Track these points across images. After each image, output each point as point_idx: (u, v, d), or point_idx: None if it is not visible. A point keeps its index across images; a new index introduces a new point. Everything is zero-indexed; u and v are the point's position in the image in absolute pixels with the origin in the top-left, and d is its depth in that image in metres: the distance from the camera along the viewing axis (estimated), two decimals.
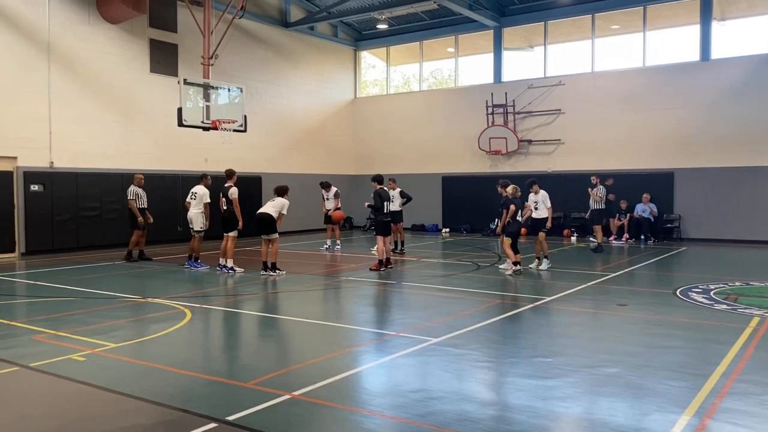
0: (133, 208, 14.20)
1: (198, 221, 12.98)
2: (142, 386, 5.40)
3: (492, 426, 4.52)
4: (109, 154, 17.09)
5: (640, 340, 7.07)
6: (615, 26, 20.98)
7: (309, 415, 4.75)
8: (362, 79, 26.19)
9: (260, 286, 11.05)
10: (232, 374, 5.88)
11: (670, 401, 5.00)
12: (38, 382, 5.60)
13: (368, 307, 9.66)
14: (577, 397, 5.16)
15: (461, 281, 11.44)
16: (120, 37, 17.42)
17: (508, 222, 11.94)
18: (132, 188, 14.33)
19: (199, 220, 12.98)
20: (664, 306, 9.01)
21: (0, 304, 9.50)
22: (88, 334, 7.29)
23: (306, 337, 7.55)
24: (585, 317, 8.59)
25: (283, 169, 21.81)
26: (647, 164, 19.57)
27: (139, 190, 14.35)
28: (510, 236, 11.98)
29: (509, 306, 9.16)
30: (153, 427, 4.56)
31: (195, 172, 18.84)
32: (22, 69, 15.36)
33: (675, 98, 19.15)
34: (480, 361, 6.30)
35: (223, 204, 12.65)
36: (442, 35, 23.68)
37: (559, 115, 21.10)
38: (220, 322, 8.53)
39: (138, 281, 11.85)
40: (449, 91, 24.05)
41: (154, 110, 18.00)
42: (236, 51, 19.88)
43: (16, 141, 15.20)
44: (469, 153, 22.63)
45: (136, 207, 14.22)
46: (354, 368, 6.05)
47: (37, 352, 6.51)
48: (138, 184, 14.41)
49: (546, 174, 21.11)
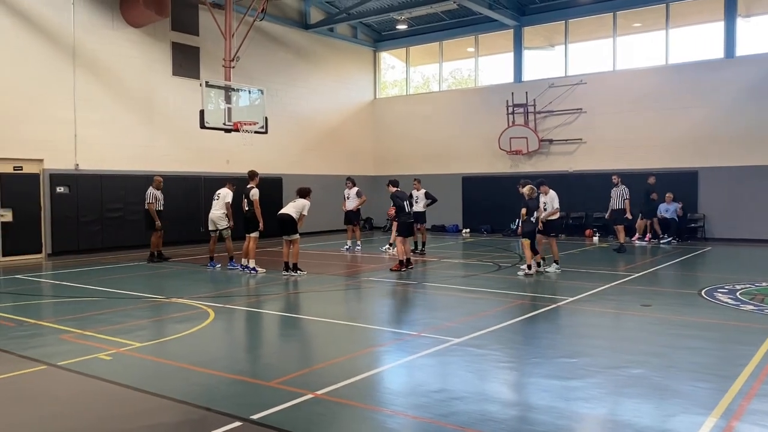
0: (152, 211, 14.37)
1: (222, 221, 13.14)
2: (167, 385, 5.46)
3: (515, 426, 4.50)
4: (133, 156, 17.31)
5: (665, 341, 6.98)
6: (637, 24, 20.76)
7: (332, 415, 4.77)
8: (382, 80, 26.22)
9: (282, 287, 11.12)
10: (255, 373, 5.92)
11: (696, 403, 4.93)
12: (66, 381, 5.70)
13: (389, 308, 9.67)
14: (602, 398, 5.12)
15: (482, 282, 11.40)
16: (143, 40, 17.64)
17: (524, 223, 11.88)
18: (151, 191, 14.48)
19: (223, 220, 13.13)
20: (689, 306, 8.90)
21: (28, 304, 9.68)
22: (113, 333, 7.39)
23: (328, 337, 7.58)
24: (608, 318, 8.51)
25: (304, 170, 21.90)
26: (670, 163, 19.33)
27: (157, 192, 14.51)
28: (526, 237, 11.91)
29: (531, 306, 9.10)
30: (178, 426, 4.61)
31: (217, 173, 19.06)
32: (49, 73, 15.62)
33: (699, 96, 18.90)
34: (502, 361, 6.27)
35: (245, 205, 12.75)
36: (462, 35, 23.62)
37: (580, 114, 20.92)
38: (242, 321, 8.60)
39: (161, 281, 11.99)
40: (469, 91, 23.97)
41: (177, 113, 18.21)
42: (257, 53, 20.02)
43: (42, 144, 15.47)
44: (490, 153, 22.54)
45: (155, 210, 14.39)
46: (376, 368, 6.06)
47: (64, 351, 6.62)
48: (157, 186, 14.57)
49: (567, 174, 20.99)
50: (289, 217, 12.04)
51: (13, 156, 15.01)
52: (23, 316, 8.49)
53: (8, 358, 6.35)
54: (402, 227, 12.79)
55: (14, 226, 15.02)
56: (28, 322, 8.10)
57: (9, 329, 7.70)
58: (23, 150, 15.16)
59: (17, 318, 8.34)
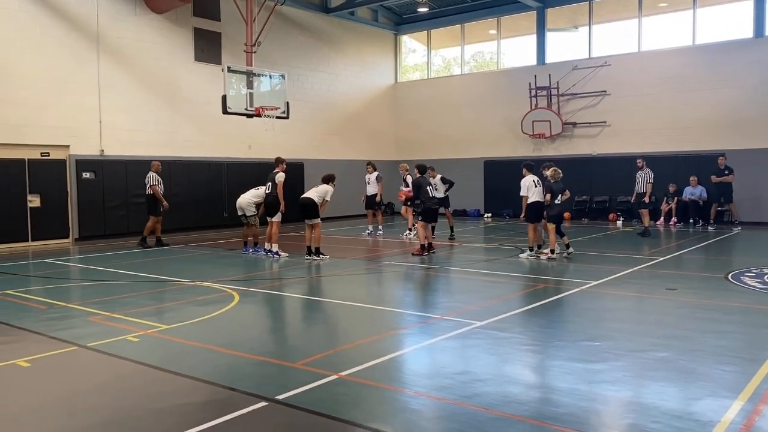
0: (157, 194, 14.48)
1: (250, 208, 13.27)
2: (194, 366, 5.56)
3: (538, 408, 4.51)
4: (156, 141, 17.49)
5: (690, 325, 6.92)
6: (663, 4, 20.34)
7: (356, 395, 4.82)
8: (403, 64, 26.08)
9: (304, 271, 11.20)
10: (280, 355, 6.00)
11: (722, 386, 4.90)
12: (96, 361, 5.83)
13: (411, 291, 9.70)
14: (626, 381, 5.10)
15: (505, 266, 11.36)
16: (165, 26, 17.74)
17: (549, 207, 11.76)
18: (152, 174, 14.58)
19: (251, 207, 13.27)
20: (715, 290, 8.79)
21: (58, 287, 9.89)
22: (140, 315, 7.53)
23: (351, 320, 7.64)
24: (632, 301, 8.44)
25: (325, 155, 21.95)
26: (696, 146, 19.01)
27: (157, 176, 14.64)
28: (552, 220, 11.80)
29: (554, 290, 9.06)
30: (205, 405, 4.70)
31: (239, 158, 19.20)
32: (74, 61, 15.81)
33: (726, 77, 18.51)
34: (525, 344, 6.27)
35: (267, 188, 12.82)
36: (484, 17, 23.37)
37: (604, 96, 20.64)
38: (266, 304, 8.69)
39: (186, 265, 12.14)
40: (491, 74, 23.76)
41: (199, 98, 18.32)
42: (278, 38, 20.03)
43: (68, 130, 15.71)
44: (512, 136, 22.36)
45: (160, 192, 14.52)
46: (399, 350, 6.10)
47: (93, 332, 6.77)
48: (156, 170, 14.67)
49: (591, 157, 20.75)
50: (311, 201, 12.10)
51: (40, 143, 15.26)
52: (53, 299, 8.67)
53: (40, 339, 6.51)
54: (425, 212, 12.77)
55: (42, 211, 15.31)
56: (58, 304, 8.28)
57: (40, 312, 7.88)
58: (50, 137, 15.40)
59: (48, 301, 8.53)
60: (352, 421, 4.29)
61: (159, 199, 14.49)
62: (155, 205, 14.61)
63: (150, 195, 14.59)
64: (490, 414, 4.38)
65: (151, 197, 14.60)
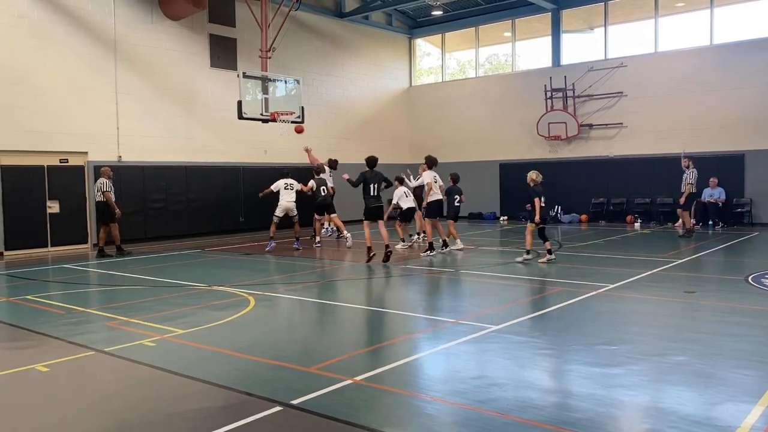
0: (110, 201, 13.94)
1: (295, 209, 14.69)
2: (209, 370, 5.58)
3: (555, 413, 4.47)
4: (173, 147, 17.64)
5: (709, 328, 6.83)
6: (680, 4, 20.15)
7: (371, 400, 4.81)
8: (417, 67, 26.08)
9: (318, 275, 11.21)
10: (295, 359, 6.00)
11: (742, 390, 4.82)
12: (113, 366, 5.87)
13: (426, 295, 9.67)
14: (644, 386, 5.04)
15: (520, 269, 11.30)
16: (181, 33, 17.91)
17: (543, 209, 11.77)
18: (105, 181, 13.96)
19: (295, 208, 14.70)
20: (735, 293, 8.67)
21: (76, 292, 9.99)
22: (157, 320, 7.58)
23: (366, 324, 7.63)
24: (650, 304, 8.35)
25: (340, 159, 21.90)
26: (715, 147, 18.78)
27: (109, 182, 14.06)
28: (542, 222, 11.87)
29: (571, 293, 8.98)
30: (220, 410, 4.71)
31: (255, 164, 19.29)
32: (91, 68, 16.00)
33: (745, 77, 18.29)
34: (541, 348, 6.22)
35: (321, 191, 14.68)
36: (498, 20, 23.30)
37: (621, 98, 20.48)
38: (282, 309, 8.72)
39: (202, 270, 12.20)
40: (506, 76, 23.67)
41: (215, 104, 18.46)
42: (293, 43, 20.12)
43: (86, 137, 15.90)
44: (528, 139, 22.26)
45: (112, 199, 14.00)
46: (414, 355, 6.08)
47: (110, 337, 6.83)
48: (107, 176, 14.04)
49: (608, 159, 20.59)
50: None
51: (58, 149, 15.46)
52: (72, 304, 8.77)
53: (59, 344, 6.58)
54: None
55: (61, 217, 15.50)
56: (76, 309, 8.37)
57: (59, 317, 7.97)
58: (69, 143, 15.60)
59: (66, 306, 8.62)
60: (367, 426, 4.28)
61: (112, 206, 13.95)
62: (108, 213, 14.03)
63: (102, 202, 14.00)
64: (506, 419, 4.35)
65: (103, 204, 14.01)
